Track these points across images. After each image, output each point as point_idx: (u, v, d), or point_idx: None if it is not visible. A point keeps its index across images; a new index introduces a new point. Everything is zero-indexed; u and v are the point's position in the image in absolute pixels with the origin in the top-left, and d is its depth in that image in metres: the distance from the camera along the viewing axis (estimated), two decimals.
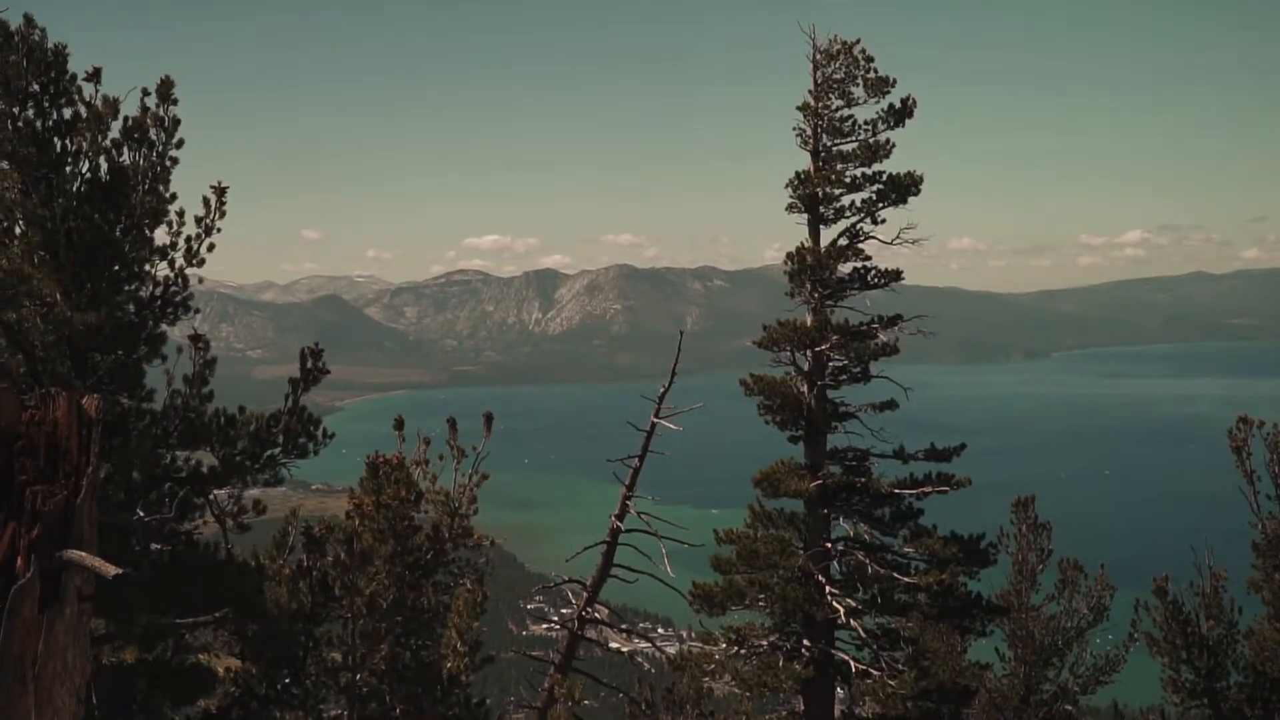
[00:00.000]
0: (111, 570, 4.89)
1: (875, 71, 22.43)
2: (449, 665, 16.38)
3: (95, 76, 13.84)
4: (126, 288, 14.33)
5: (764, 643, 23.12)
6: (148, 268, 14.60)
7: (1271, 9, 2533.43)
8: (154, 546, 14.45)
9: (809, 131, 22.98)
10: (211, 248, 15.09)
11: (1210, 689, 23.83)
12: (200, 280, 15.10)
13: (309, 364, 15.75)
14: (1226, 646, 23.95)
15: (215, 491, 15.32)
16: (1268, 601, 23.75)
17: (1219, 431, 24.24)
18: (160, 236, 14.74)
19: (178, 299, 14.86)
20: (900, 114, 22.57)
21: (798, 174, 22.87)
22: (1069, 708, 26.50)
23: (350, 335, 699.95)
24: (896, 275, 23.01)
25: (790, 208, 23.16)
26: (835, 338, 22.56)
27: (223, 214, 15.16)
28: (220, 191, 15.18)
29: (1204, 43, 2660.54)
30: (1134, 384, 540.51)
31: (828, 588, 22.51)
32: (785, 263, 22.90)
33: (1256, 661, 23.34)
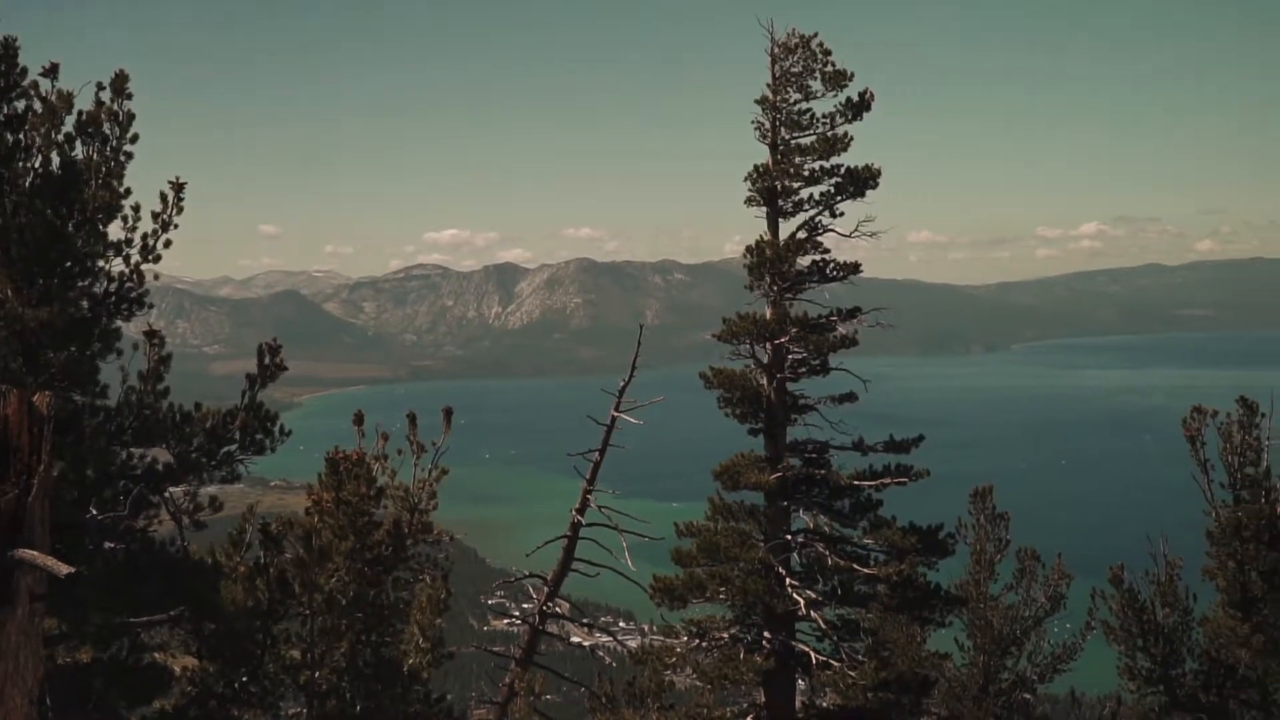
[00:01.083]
0: (64, 569, 4.84)
1: (833, 65, 22.45)
2: (410, 661, 16.34)
3: (52, 72, 13.72)
4: (80, 283, 14.20)
5: (725, 635, 23.14)
6: (102, 263, 14.48)
7: (1224, 1, 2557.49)
8: (108, 545, 14.33)
9: (767, 125, 22.98)
10: (169, 244, 14.98)
11: (1166, 676, 24.02)
12: (156, 276, 14.99)
13: (266, 360, 15.66)
14: (1182, 634, 24.16)
15: (171, 489, 15.21)
16: (1222, 589, 23.94)
17: (1174, 422, 24.43)
18: (115, 232, 14.62)
19: (133, 295, 14.74)
20: (858, 107, 22.60)
21: (756, 167, 22.88)
22: (1027, 696, 26.68)
23: (309, 331, 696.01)
24: (855, 268, 23.05)
25: (749, 201, 23.17)
26: (794, 330, 22.59)
27: (180, 210, 15.05)
28: (178, 187, 15.07)
29: (1159, 35, 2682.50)
30: (1091, 375, 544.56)
31: (788, 580, 22.55)
32: (744, 256, 22.92)
33: (1211, 648, 23.54)
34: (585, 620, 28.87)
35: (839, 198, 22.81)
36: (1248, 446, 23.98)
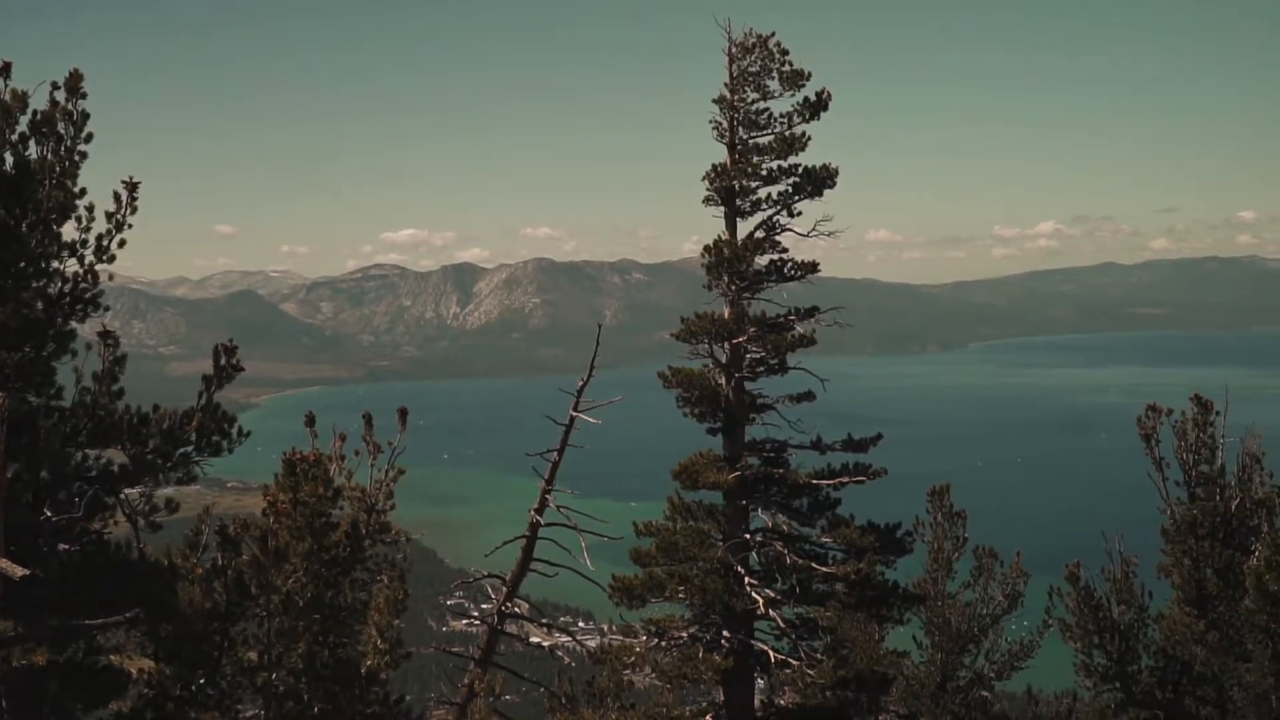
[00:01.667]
0: (19, 571, 4.83)
1: (791, 65, 22.51)
2: (368, 662, 16.30)
3: (4, 71, 13.61)
4: (34, 284, 14.09)
5: (684, 634, 23.17)
6: (56, 264, 14.37)
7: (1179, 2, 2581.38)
8: (63, 547, 14.24)
9: (725, 124, 23.03)
10: (123, 244, 14.88)
11: (1122, 673, 24.22)
12: (110, 276, 14.89)
13: (223, 360, 15.58)
14: (1137, 631, 24.37)
15: (126, 490, 15.12)
16: (1177, 586, 24.16)
17: (1129, 420, 24.67)
18: (69, 232, 14.52)
19: (87, 295, 14.63)
20: (816, 107, 22.68)
21: (714, 167, 22.92)
22: (985, 694, 26.87)
23: (266, 331, 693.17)
24: (813, 267, 23.13)
25: (707, 200, 23.20)
26: (753, 330, 22.64)
27: (134, 210, 14.95)
28: (131, 187, 14.97)
29: (1115, 35, 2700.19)
30: (1047, 374, 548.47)
31: (746, 579, 22.59)
32: (702, 255, 22.94)
33: (1167, 645, 23.74)
34: (544, 620, 28.91)
35: (797, 197, 22.88)
36: (1202, 444, 24.22)
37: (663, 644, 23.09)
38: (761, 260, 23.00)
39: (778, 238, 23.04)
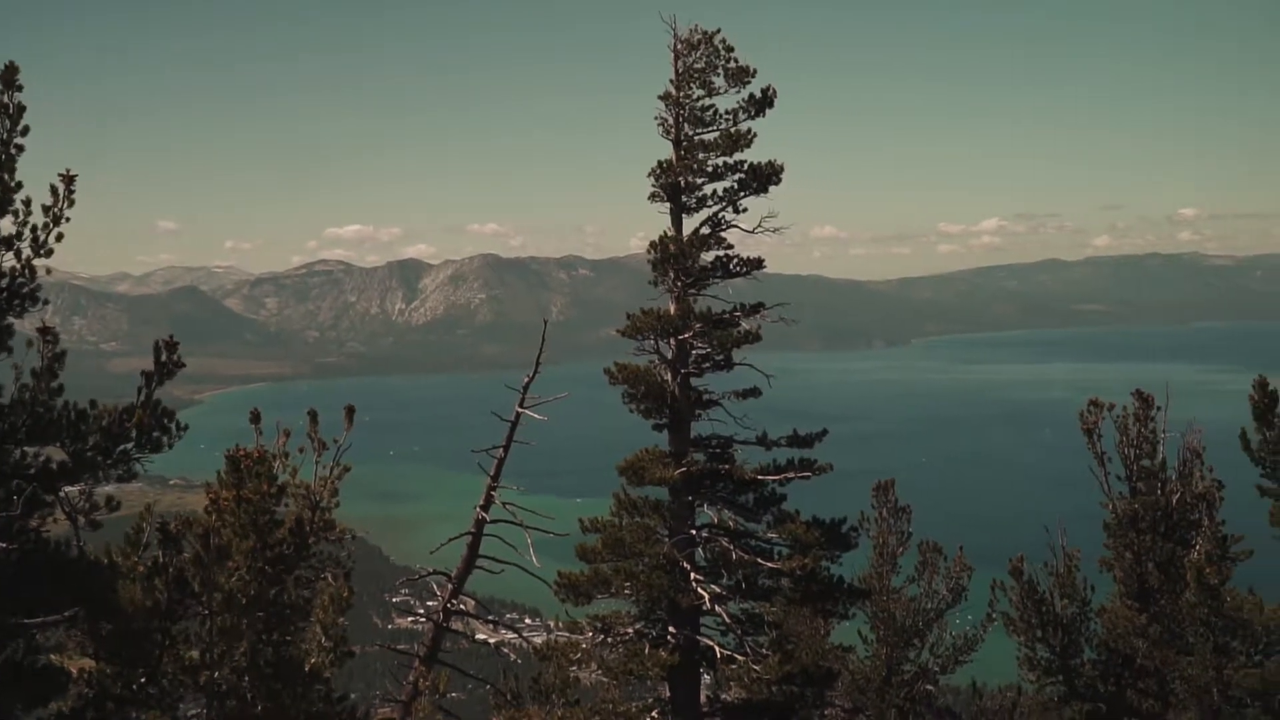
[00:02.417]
0: None
1: (736, 61, 22.56)
2: (311, 660, 16.18)
3: None
4: None
5: (630, 630, 23.20)
6: None
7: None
8: (1, 545, 14.06)
9: (671, 121, 23.05)
10: (60, 237, 14.68)
11: (1065, 666, 24.48)
12: (49, 271, 14.69)
13: (163, 356, 15.40)
14: (1080, 624, 24.63)
15: (66, 488, 14.93)
16: (1119, 580, 24.47)
17: (1072, 415, 24.94)
18: (6, 226, 14.32)
19: (25, 290, 14.43)
20: (761, 103, 22.73)
21: (660, 163, 22.94)
22: (929, 687, 27.04)
23: (209, 327, 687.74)
24: (758, 263, 23.19)
25: (653, 197, 23.22)
26: (698, 326, 22.68)
27: (71, 203, 14.74)
28: (68, 180, 14.77)
29: (1059, 32, 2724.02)
30: (991, 370, 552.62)
31: (692, 574, 22.64)
32: (649, 251, 22.97)
33: (1109, 638, 24.01)
34: (490, 617, 28.82)
35: (742, 193, 22.94)
36: (1143, 439, 24.54)
37: (609, 640, 23.10)
38: (707, 256, 23.03)
39: (723, 234, 23.09)
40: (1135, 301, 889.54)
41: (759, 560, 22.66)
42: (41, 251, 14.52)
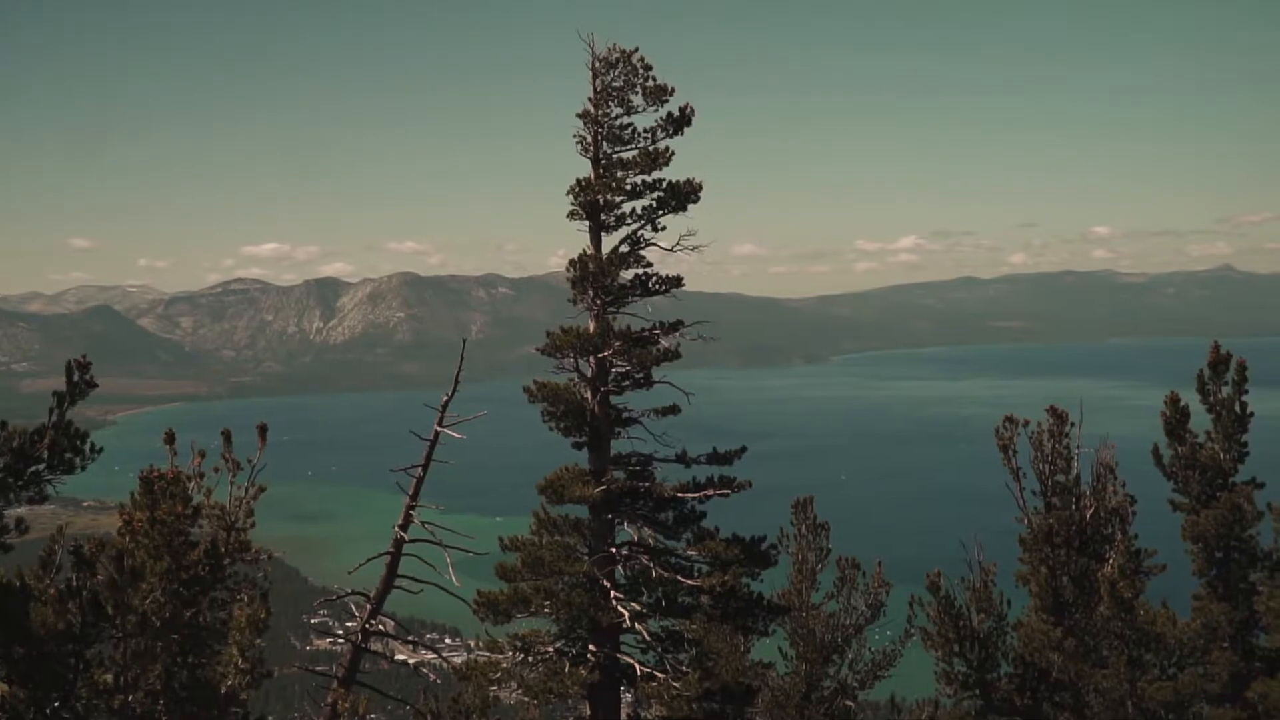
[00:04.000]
0: None
1: (654, 79, 22.67)
2: (228, 683, 16.01)
3: None
4: None
5: (550, 649, 23.13)
6: None
7: (1045, 10, 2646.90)
8: None
9: (590, 139, 23.10)
10: None
11: (982, 680, 24.71)
12: None
13: (75, 377, 15.19)
14: (996, 638, 24.89)
15: None
16: (1035, 594, 24.74)
17: (988, 431, 25.23)
18: None
19: None
20: (679, 122, 22.85)
21: (579, 181, 22.96)
22: (849, 703, 27.17)
23: (123, 347, 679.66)
24: (677, 281, 23.28)
25: (572, 215, 23.23)
26: (618, 344, 22.71)
27: None
28: None
29: (977, 49, 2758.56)
30: (908, 386, 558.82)
31: (613, 592, 22.63)
32: (568, 270, 22.97)
33: (1025, 652, 24.26)
34: (409, 637, 28.61)
35: (661, 212, 23.02)
36: (1058, 454, 24.87)
37: (529, 659, 23.02)
38: (626, 274, 23.09)
39: (642, 252, 23.16)
40: (1050, 318, 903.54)
41: (679, 578, 22.70)
42: None
